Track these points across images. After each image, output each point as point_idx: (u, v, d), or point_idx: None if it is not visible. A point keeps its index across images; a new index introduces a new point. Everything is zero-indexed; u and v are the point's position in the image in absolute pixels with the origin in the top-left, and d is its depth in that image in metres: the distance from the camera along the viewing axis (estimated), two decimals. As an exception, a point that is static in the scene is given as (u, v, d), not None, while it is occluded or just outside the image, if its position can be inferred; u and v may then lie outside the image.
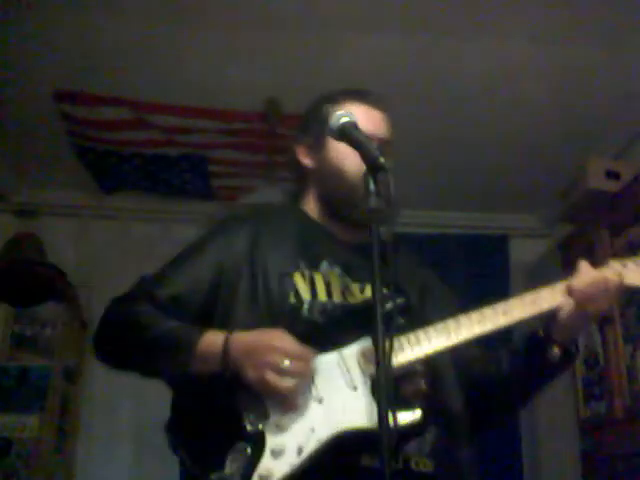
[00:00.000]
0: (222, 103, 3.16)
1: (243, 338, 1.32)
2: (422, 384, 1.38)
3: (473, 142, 3.46)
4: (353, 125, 1.32)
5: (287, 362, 1.26)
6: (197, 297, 1.46)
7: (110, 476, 3.58)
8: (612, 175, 3.25)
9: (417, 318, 1.44)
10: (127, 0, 2.62)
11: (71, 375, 3.66)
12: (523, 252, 4.09)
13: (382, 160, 1.20)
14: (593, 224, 3.29)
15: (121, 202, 4.01)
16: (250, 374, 1.28)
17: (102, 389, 3.58)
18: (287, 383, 1.26)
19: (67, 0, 2.59)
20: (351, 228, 1.54)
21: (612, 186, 3.23)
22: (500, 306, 1.41)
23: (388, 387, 1.10)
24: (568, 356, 1.46)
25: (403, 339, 1.35)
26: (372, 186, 1.19)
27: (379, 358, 1.11)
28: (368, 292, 1.45)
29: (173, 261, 1.55)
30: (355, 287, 1.48)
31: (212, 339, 1.34)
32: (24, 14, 2.62)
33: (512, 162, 3.58)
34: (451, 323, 1.38)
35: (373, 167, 1.21)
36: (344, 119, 1.32)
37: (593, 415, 3.24)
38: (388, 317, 1.37)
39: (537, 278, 1.87)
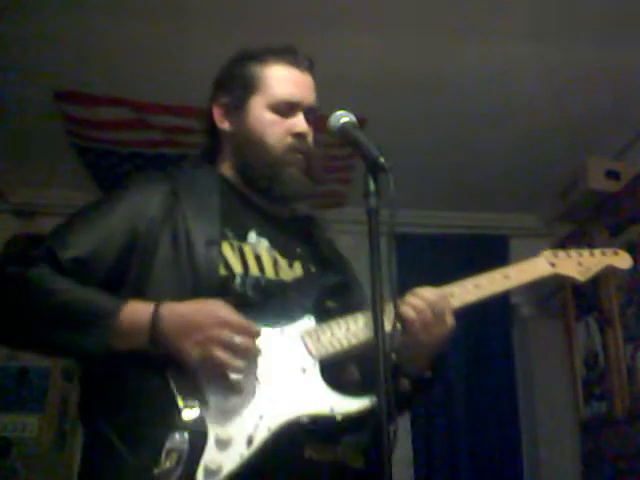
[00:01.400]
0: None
1: (178, 309, 1.16)
2: (356, 374, 1.32)
3: (473, 142, 3.45)
4: (353, 125, 1.32)
5: (238, 338, 1.13)
6: (105, 262, 1.26)
7: (110, 476, 3.57)
8: (612, 175, 3.25)
9: (345, 298, 1.38)
10: (127, 0, 2.62)
11: (71, 375, 3.65)
12: (523, 252, 4.06)
13: (382, 160, 1.19)
14: (593, 224, 3.29)
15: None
16: (191, 352, 1.12)
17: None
18: (239, 362, 1.13)
19: (67, 0, 2.59)
20: (270, 200, 1.44)
21: (612, 186, 3.23)
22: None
23: (385, 378, 1.05)
24: (420, 385, 1.37)
25: (349, 320, 1.28)
26: (372, 186, 1.19)
27: (379, 353, 1.08)
28: (297, 268, 1.39)
29: (78, 218, 1.34)
30: (283, 262, 1.37)
31: (137, 309, 1.17)
32: (24, 14, 2.62)
33: (512, 162, 3.58)
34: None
35: (373, 167, 1.20)
36: (344, 119, 1.32)
37: (593, 415, 3.24)
38: (320, 298, 1.32)
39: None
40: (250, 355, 1.16)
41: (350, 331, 1.27)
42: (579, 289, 3.36)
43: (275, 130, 1.42)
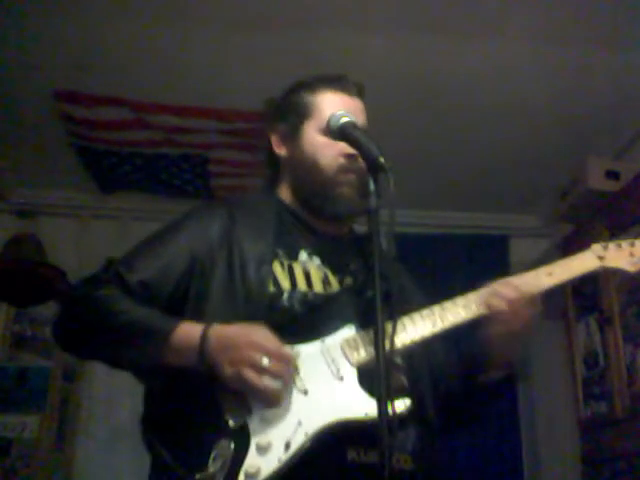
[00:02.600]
0: (222, 103, 3.16)
1: (222, 331, 1.25)
2: (403, 379, 1.35)
3: (473, 142, 3.46)
4: (353, 125, 1.32)
5: (266, 360, 1.19)
6: (168, 285, 1.38)
7: (110, 476, 3.58)
8: (612, 175, 3.25)
9: (397, 307, 1.40)
10: (128, 0, 2.62)
11: (71, 375, 3.66)
12: (523, 252, 4.08)
13: (382, 160, 1.20)
14: (593, 224, 3.29)
15: (121, 202, 4.00)
16: (226, 370, 1.20)
17: (102, 389, 3.58)
18: (265, 382, 1.19)
19: (67, 0, 2.60)
20: (326, 220, 1.51)
21: (612, 186, 3.23)
22: (485, 290, 1.39)
23: (387, 377, 1.08)
24: (509, 379, 1.44)
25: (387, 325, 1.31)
26: (372, 186, 1.19)
27: (379, 351, 1.10)
28: (348, 284, 1.44)
29: (144, 245, 1.47)
30: (334, 279, 1.44)
31: (189, 330, 1.27)
32: (24, 14, 2.62)
33: (512, 162, 3.58)
34: (436, 309, 1.36)
35: (373, 167, 1.21)
36: (344, 119, 1.32)
37: (593, 415, 3.23)
38: (365, 309, 1.34)
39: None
40: (280, 378, 1.21)
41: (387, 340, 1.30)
42: (579, 289, 3.36)
43: (327, 152, 1.47)
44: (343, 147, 1.46)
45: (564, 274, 1.44)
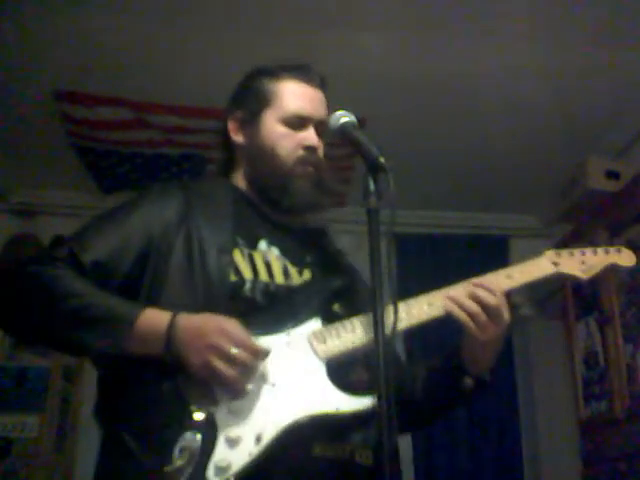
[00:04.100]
0: (222, 103, 3.15)
1: (190, 319, 1.21)
2: (364, 374, 1.33)
3: (473, 142, 3.46)
4: (352, 125, 1.32)
5: (235, 349, 1.16)
6: (124, 265, 1.31)
7: (110, 476, 3.58)
8: (612, 175, 3.26)
9: (351, 302, 1.40)
10: (127, 1, 2.62)
11: (71, 375, 3.66)
12: (523, 252, 4.06)
13: (382, 160, 1.19)
14: (593, 224, 3.29)
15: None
16: (193, 359, 1.17)
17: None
18: (232, 371, 1.16)
19: (67, 0, 2.59)
20: (281, 212, 1.48)
21: (612, 186, 3.23)
22: (446, 290, 1.38)
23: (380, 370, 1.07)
24: (481, 385, 1.41)
25: (355, 321, 1.30)
26: (372, 186, 1.19)
27: (379, 353, 1.08)
28: (306, 275, 1.42)
29: (96, 223, 1.39)
30: (294, 270, 1.41)
31: (154, 317, 1.21)
32: (24, 14, 2.62)
33: (512, 162, 3.58)
34: (401, 305, 1.32)
35: (373, 167, 1.20)
36: (344, 119, 1.32)
37: (593, 415, 3.23)
38: (327, 302, 1.36)
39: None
40: (248, 368, 1.18)
41: (356, 333, 1.30)
42: (579, 289, 3.36)
43: (286, 143, 1.45)
44: (302, 138, 1.45)
45: (523, 277, 1.44)
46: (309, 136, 1.47)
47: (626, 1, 2.57)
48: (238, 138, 1.52)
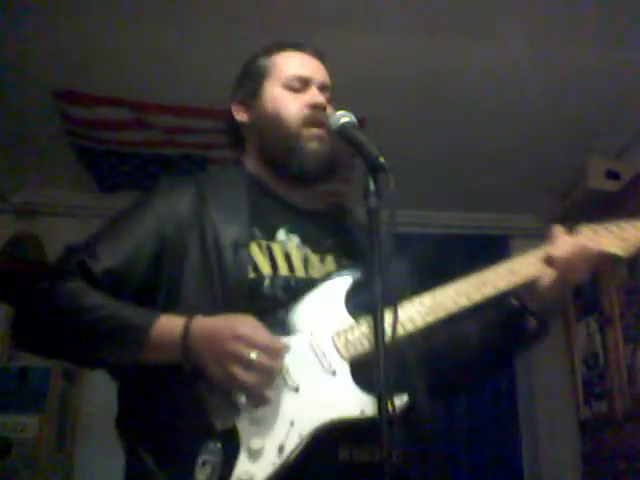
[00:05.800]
0: (222, 103, 3.15)
1: (205, 323, 1.16)
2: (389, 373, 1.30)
3: (473, 142, 3.46)
4: (353, 125, 1.31)
5: (254, 354, 1.11)
6: (138, 271, 1.27)
7: (110, 476, 3.57)
8: (612, 175, 3.26)
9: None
10: (127, 1, 2.62)
11: (71, 375, 3.65)
12: (523, 252, 4.08)
13: (382, 160, 1.19)
14: (593, 224, 3.29)
15: (121, 202, 3.96)
16: (211, 366, 1.13)
17: (102, 389, 3.57)
18: (254, 378, 1.11)
19: (67, 0, 2.59)
20: (297, 187, 1.44)
21: (612, 186, 3.23)
22: (476, 278, 1.35)
23: (386, 371, 1.04)
24: (544, 327, 1.42)
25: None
26: (372, 186, 1.19)
27: (379, 353, 1.06)
28: (328, 262, 1.38)
29: (107, 228, 1.35)
30: (314, 258, 1.36)
31: (169, 323, 1.17)
32: (24, 14, 2.61)
33: (512, 162, 3.58)
34: (427, 299, 1.31)
35: (373, 167, 1.20)
36: (344, 119, 1.32)
37: (593, 415, 3.24)
38: (350, 296, 1.30)
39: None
40: (270, 371, 1.14)
41: None
42: (579, 289, 3.36)
43: (290, 105, 1.42)
44: (307, 98, 1.43)
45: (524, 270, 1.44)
46: (313, 95, 1.44)
47: (626, 1, 2.57)
48: (243, 117, 1.49)
